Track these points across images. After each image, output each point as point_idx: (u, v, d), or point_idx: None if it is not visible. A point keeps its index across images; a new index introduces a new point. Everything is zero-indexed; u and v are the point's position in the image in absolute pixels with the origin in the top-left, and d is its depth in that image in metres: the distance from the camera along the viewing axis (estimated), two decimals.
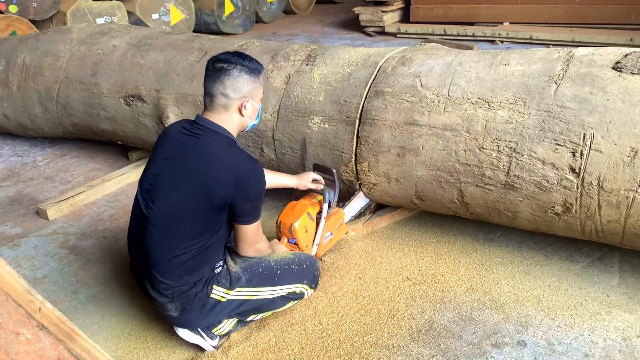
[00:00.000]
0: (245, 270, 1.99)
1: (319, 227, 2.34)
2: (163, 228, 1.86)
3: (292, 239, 2.25)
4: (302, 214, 2.25)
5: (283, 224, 2.25)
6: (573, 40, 5.77)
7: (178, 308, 1.93)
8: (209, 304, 1.94)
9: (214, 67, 1.88)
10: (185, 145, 1.88)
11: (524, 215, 2.24)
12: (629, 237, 2.08)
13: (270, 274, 2.01)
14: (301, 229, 2.24)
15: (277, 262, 2.05)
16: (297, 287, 2.08)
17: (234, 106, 1.89)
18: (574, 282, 2.28)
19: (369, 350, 1.99)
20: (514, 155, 2.13)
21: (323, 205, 2.35)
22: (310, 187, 2.37)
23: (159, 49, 3.29)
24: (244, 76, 1.88)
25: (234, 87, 1.87)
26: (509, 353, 1.95)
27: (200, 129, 1.88)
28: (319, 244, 2.36)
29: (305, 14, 9.12)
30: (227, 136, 1.90)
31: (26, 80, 3.67)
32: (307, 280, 2.12)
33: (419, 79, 2.41)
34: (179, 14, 6.89)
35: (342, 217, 2.52)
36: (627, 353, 1.91)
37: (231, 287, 1.96)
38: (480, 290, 2.27)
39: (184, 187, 1.83)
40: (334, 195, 2.40)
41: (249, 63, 1.90)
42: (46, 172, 3.66)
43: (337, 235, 2.50)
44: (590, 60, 2.18)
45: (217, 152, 1.85)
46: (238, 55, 1.90)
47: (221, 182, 1.81)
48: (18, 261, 2.69)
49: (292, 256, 2.11)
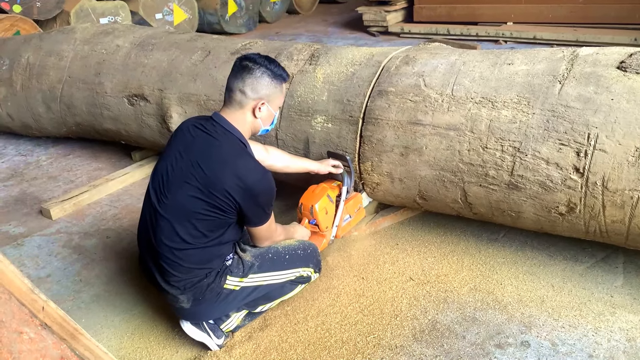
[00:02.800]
0: (256, 257, 2.05)
1: (339, 210, 2.44)
2: (174, 222, 1.87)
3: (312, 220, 2.35)
4: (323, 196, 2.35)
5: (304, 206, 2.34)
6: (577, 40, 5.76)
7: (190, 299, 1.95)
8: (223, 294, 1.97)
9: (240, 65, 1.91)
10: (198, 142, 1.90)
11: (527, 215, 2.23)
12: (633, 238, 2.07)
13: (280, 259, 2.08)
14: (322, 210, 2.34)
15: (285, 248, 2.12)
16: (305, 270, 2.16)
17: (248, 105, 1.91)
18: (578, 283, 2.27)
19: (372, 351, 1.99)
20: (517, 155, 2.12)
21: (342, 189, 2.45)
22: (331, 171, 2.47)
23: (163, 49, 3.30)
24: (265, 78, 1.90)
25: (252, 86, 1.89)
26: (513, 354, 1.94)
27: (214, 127, 1.90)
28: (338, 225, 2.46)
29: (308, 14, 9.13)
30: (240, 139, 1.92)
31: (30, 79, 3.67)
32: (312, 264, 2.19)
33: (423, 78, 2.41)
34: (182, 14, 6.89)
35: (361, 201, 2.60)
36: (632, 354, 1.90)
37: (244, 274, 2.00)
38: (483, 290, 2.26)
39: (192, 184, 1.85)
40: (351, 181, 2.50)
41: (275, 68, 1.93)
42: (50, 172, 3.67)
43: (356, 218, 2.59)
44: (594, 59, 2.17)
45: (227, 156, 1.86)
46: (266, 58, 1.93)
47: (228, 188, 1.82)
48: (22, 260, 2.69)
49: (297, 243, 2.19)
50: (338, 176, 2.51)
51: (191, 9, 7.00)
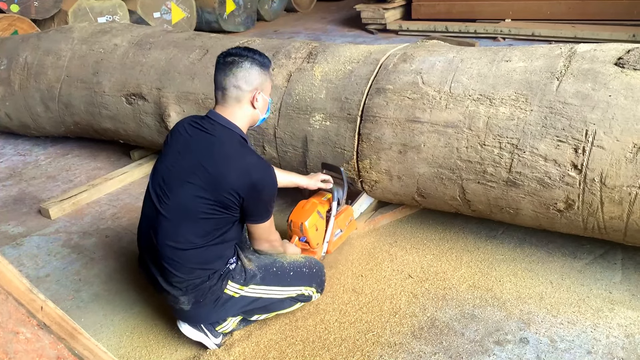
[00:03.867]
0: (260, 268, 2.02)
1: (329, 225, 2.38)
2: (175, 222, 1.87)
3: (303, 237, 2.29)
4: (312, 213, 2.29)
5: (294, 223, 2.29)
6: (575, 36, 5.76)
7: (191, 301, 1.94)
8: (222, 298, 1.96)
9: (224, 61, 1.90)
10: (197, 141, 1.89)
11: (526, 212, 2.24)
12: (631, 234, 2.07)
13: (284, 275, 2.04)
14: (312, 227, 2.28)
15: (290, 264, 2.08)
16: (307, 289, 2.11)
17: (246, 98, 1.91)
18: (577, 279, 2.27)
19: (370, 348, 1.99)
20: (515, 152, 2.12)
21: (332, 204, 2.39)
22: (320, 187, 2.41)
23: (161, 48, 3.29)
24: (255, 68, 1.90)
25: (245, 79, 1.88)
26: (512, 350, 1.94)
27: (212, 125, 1.89)
28: (329, 241, 2.40)
29: (306, 12, 9.11)
30: (239, 134, 1.91)
31: (28, 79, 3.67)
32: (316, 284, 2.14)
33: (421, 76, 2.41)
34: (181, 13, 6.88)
35: (352, 214, 2.56)
36: (630, 350, 1.90)
37: (245, 283, 1.98)
38: (482, 287, 2.27)
39: (195, 183, 1.84)
40: (343, 194, 2.44)
41: (259, 57, 1.93)
42: (48, 171, 3.67)
43: (347, 231, 2.54)
44: (592, 56, 2.17)
45: (229, 153, 1.85)
46: (248, 49, 1.93)
47: (233, 184, 1.81)
48: (21, 260, 2.69)
49: (304, 260, 2.14)
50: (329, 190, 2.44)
51: (189, 8, 6.99)
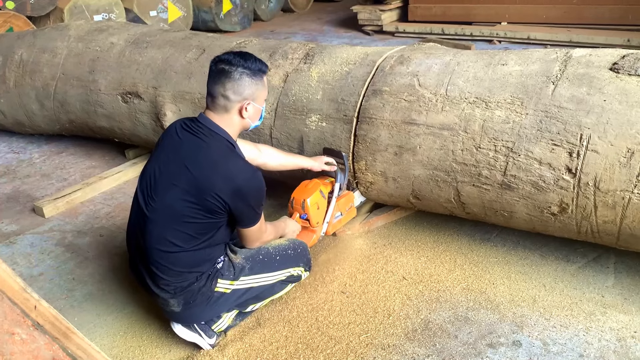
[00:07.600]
0: (247, 259, 2.04)
1: (330, 206, 2.44)
2: (162, 225, 1.86)
3: (304, 214, 2.34)
4: (315, 191, 2.35)
5: (296, 200, 2.34)
6: (571, 40, 5.79)
7: (181, 303, 1.94)
8: (214, 297, 1.96)
9: (216, 68, 1.86)
10: (185, 144, 1.88)
11: (520, 215, 2.25)
12: (624, 238, 2.08)
13: (271, 260, 2.08)
14: (313, 205, 2.33)
15: (275, 249, 2.11)
16: (295, 270, 2.16)
17: (234, 108, 1.87)
18: (570, 283, 2.29)
19: (364, 350, 1.99)
20: (510, 155, 2.13)
21: (335, 185, 2.45)
22: (324, 169, 2.45)
23: (157, 47, 3.29)
24: (245, 79, 1.85)
25: (234, 89, 1.84)
26: (504, 353, 1.95)
27: (201, 128, 1.87)
28: (329, 222, 2.45)
29: (303, 12, 9.11)
30: (227, 139, 1.89)
31: (23, 76, 3.65)
32: (302, 263, 2.19)
33: (417, 78, 2.41)
34: (177, 11, 6.87)
35: (352, 200, 2.60)
36: (622, 354, 1.92)
37: (235, 277, 1.99)
38: (476, 290, 2.28)
39: (180, 186, 1.83)
40: (344, 178, 2.49)
41: (252, 64, 1.87)
42: (43, 170, 3.65)
43: (347, 216, 2.59)
44: (587, 61, 2.18)
45: (215, 157, 1.84)
46: (240, 57, 1.86)
47: (218, 189, 1.80)
48: (14, 258, 2.68)
49: (287, 242, 2.18)
50: (331, 173, 2.50)
51: (186, 7, 6.97)
